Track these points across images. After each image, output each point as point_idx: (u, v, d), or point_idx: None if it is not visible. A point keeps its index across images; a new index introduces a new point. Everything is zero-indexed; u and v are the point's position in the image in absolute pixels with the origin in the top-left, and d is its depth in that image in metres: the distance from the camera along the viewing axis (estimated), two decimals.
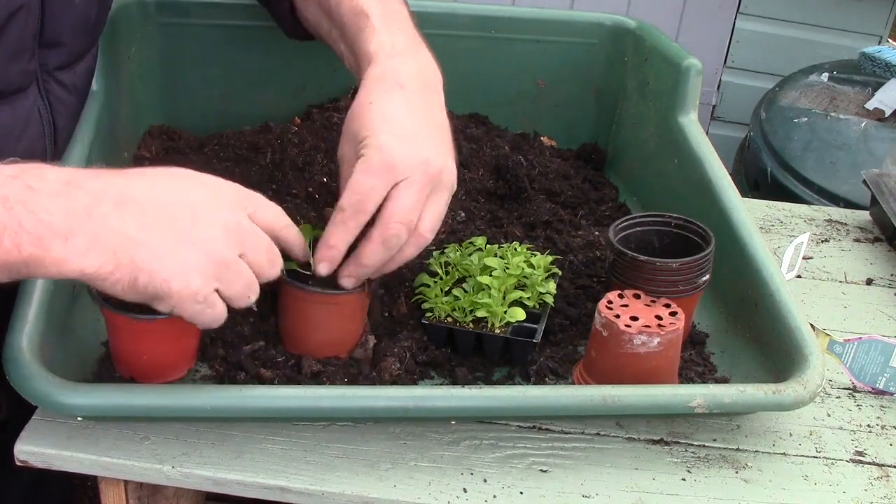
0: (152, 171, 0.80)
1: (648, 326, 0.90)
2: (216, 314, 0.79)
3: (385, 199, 0.87)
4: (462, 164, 1.31)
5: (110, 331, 0.88)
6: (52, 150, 1.00)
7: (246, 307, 0.81)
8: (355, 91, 1.36)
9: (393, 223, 0.87)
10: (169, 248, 0.75)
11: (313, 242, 0.91)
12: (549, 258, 1.06)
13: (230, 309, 0.81)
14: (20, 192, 0.71)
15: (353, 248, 0.90)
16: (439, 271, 1.04)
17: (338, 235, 0.88)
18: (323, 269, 0.89)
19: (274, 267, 0.81)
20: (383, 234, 0.87)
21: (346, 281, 0.90)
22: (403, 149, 0.88)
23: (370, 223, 0.88)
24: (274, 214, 0.83)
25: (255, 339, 0.96)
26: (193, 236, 0.76)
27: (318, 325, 0.94)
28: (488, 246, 1.08)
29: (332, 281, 0.91)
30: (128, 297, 0.77)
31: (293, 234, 0.85)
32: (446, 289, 1.02)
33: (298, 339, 0.95)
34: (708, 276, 1.00)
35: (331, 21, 1.05)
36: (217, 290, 0.78)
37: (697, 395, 0.87)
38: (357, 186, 0.87)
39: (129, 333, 0.86)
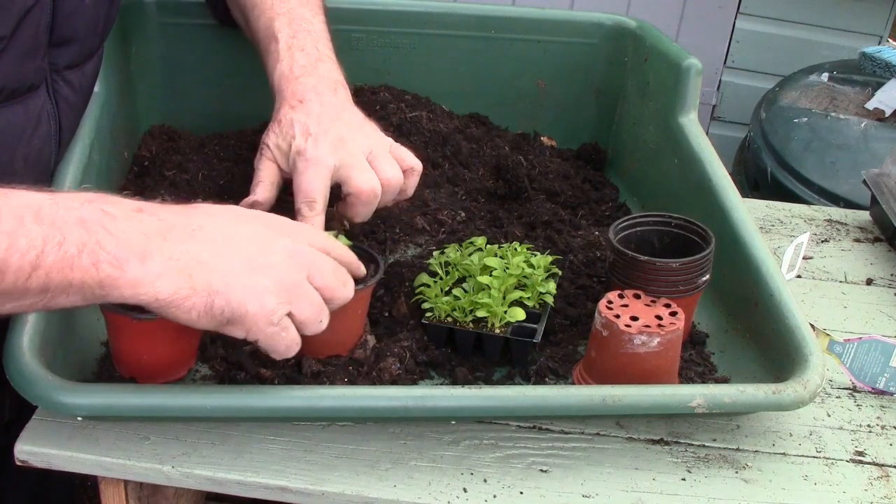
0: (206, 205, 0.82)
1: (648, 326, 0.90)
2: (290, 339, 0.80)
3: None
4: (462, 164, 1.31)
5: (110, 331, 0.88)
6: (57, 151, 1.00)
7: (317, 333, 0.82)
8: (355, 91, 1.37)
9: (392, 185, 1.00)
10: (242, 273, 0.77)
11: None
12: (549, 258, 1.06)
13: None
14: (97, 215, 0.73)
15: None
16: (439, 271, 1.04)
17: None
18: None
19: (346, 287, 0.84)
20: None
21: None
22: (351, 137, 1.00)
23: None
24: (324, 238, 0.86)
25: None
26: (262, 262, 0.78)
27: None
28: (488, 246, 1.08)
29: None
30: (201, 325, 0.77)
31: (347, 254, 0.88)
32: (446, 289, 1.02)
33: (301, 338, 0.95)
34: (708, 276, 1.00)
35: (248, 29, 1.13)
36: (289, 315, 0.80)
37: (697, 395, 0.87)
38: (358, 184, 0.98)
39: (129, 333, 0.86)
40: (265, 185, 1.00)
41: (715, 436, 0.95)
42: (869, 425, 1.00)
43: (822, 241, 1.34)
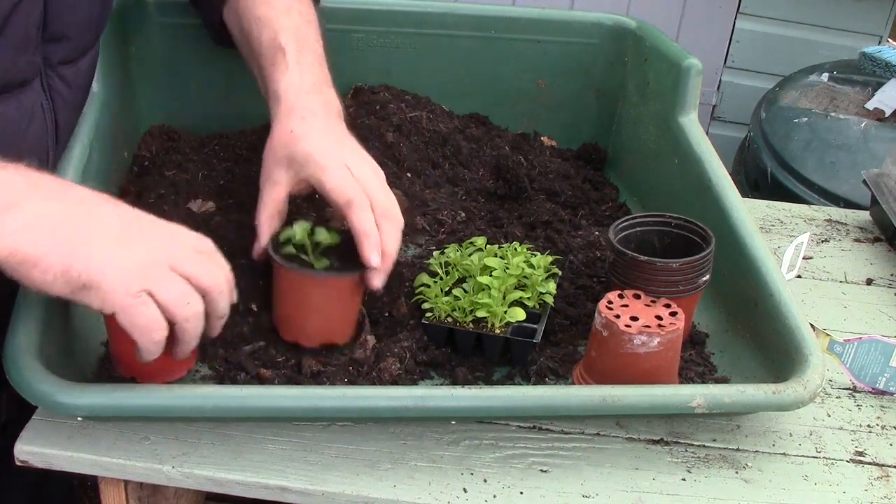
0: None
1: (648, 326, 0.90)
2: (150, 315, 0.78)
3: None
4: (462, 164, 1.31)
5: (110, 332, 0.88)
6: (55, 146, 1.00)
7: (191, 322, 0.80)
8: (355, 91, 1.36)
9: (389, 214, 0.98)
10: (106, 242, 0.77)
11: (340, 245, 0.97)
12: (549, 258, 1.06)
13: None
14: None
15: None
16: (439, 271, 1.04)
17: (376, 238, 0.95)
18: (376, 260, 0.94)
19: (216, 277, 0.82)
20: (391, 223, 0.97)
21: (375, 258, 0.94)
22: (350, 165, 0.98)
23: None
24: (195, 237, 0.85)
25: (256, 339, 0.96)
26: (126, 238, 0.78)
27: (314, 308, 0.95)
28: (488, 246, 1.08)
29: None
30: (55, 289, 0.76)
31: (221, 261, 0.86)
32: (446, 289, 1.02)
33: (295, 325, 0.96)
34: (708, 276, 1.00)
35: (250, 47, 1.11)
36: (151, 294, 0.78)
37: (697, 395, 0.87)
38: (349, 200, 0.95)
39: (128, 334, 0.86)
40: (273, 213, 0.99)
41: (715, 436, 0.95)
42: (869, 425, 1.00)
43: (822, 241, 1.34)
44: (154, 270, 0.78)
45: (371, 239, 0.94)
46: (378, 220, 0.95)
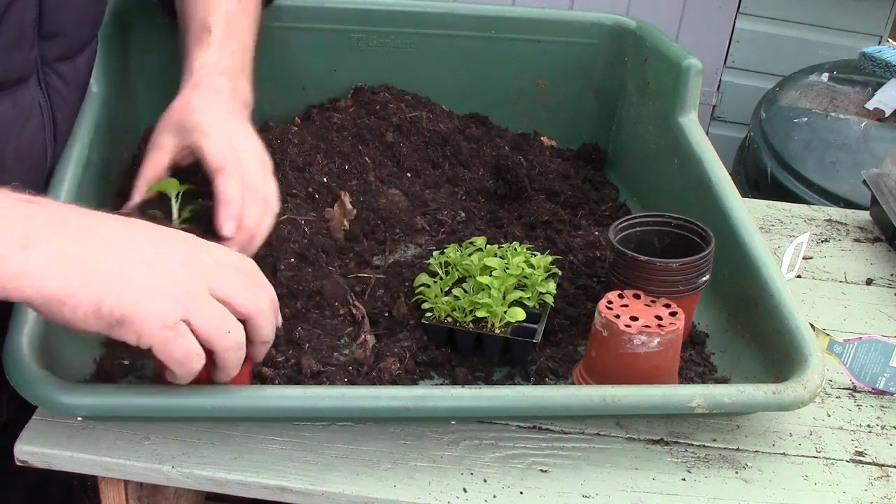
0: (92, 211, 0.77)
1: (648, 326, 0.90)
2: (188, 346, 0.74)
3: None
4: (462, 164, 1.31)
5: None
6: (52, 145, 1.00)
7: (231, 351, 0.76)
8: (355, 91, 1.37)
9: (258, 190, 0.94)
10: (135, 273, 0.72)
11: (182, 195, 0.93)
12: (549, 258, 1.06)
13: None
14: None
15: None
16: (439, 271, 1.04)
17: (236, 207, 0.90)
18: (230, 228, 0.89)
19: (259, 300, 0.78)
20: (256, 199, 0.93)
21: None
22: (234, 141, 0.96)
23: None
24: (228, 252, 0.81)
25: None
26: (157, 263, 0.74)
27: None
28: (488, 246, 1.08)
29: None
30: (89, 326, 0.72)
31: (256, 271, 0.83)
32: (446, 289, 1.02)
33: None
34: (708, 276, 1.00)
35: (184, 23, 1.10)
36: (188, 324, 0.74)
37: (697, 395, 0.87)
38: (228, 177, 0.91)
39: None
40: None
41: (715, 436, 0.95)
42: (869, 425, 1.00)
43: (822, 241, 1.34)
44: (191, 297, 0.74)
45: (230, 207, 0.89)
46: (245, 192, 0.91)
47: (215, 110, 0.98)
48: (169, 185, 0.93)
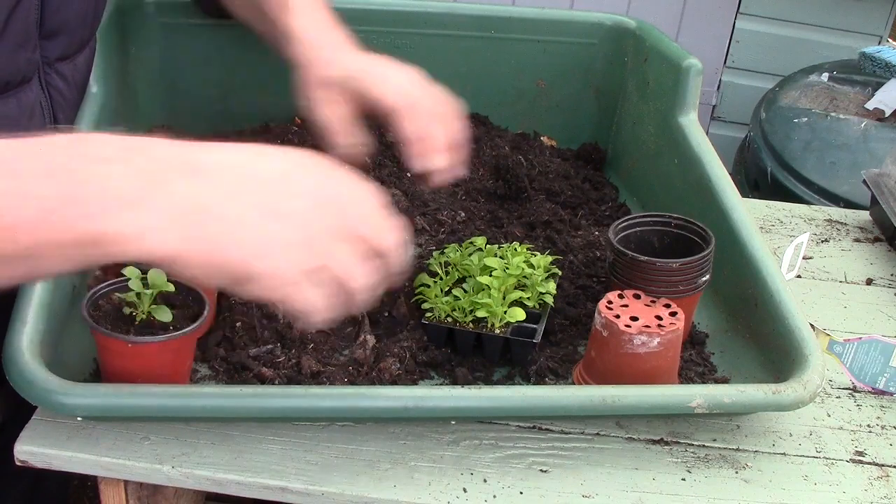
0: (220, 143, 0.69)
1: (648, 326, 0.90)
2: (316, 300, 0.67)
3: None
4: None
5: (103, 353, 0.87)
6: None
7: (361, 293, 0.69)
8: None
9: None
10: (257, 221, 0.64)
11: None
12: (549, 258, 1.06)
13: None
14: (79, 160, 0.61)
15: None
16: (439, 271, 1.04)
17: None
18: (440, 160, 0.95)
19: (388, 231, 0.70)
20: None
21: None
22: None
23: None
24: (360, 182, 0.72)
25: (268, 343, 0.96)
26: (283, 208, 0.65)
27: None
28: (488, 246, 1.08)
29: None
30: (211, 282, 0.66)
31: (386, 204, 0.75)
32: (446, 289, 1.02)
33: None
34: (708, 276, 1.00)
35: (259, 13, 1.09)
36: (323, 269, 0.67)
37: (697, 395, 0.87)
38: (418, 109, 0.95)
39: (122, 356, 0.85)
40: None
41: (715, 436, 0.95)
42: (869, 425, 1.00)
43: (822, 241, 1.34)
44: (322, 244, 0.66)
45: (424, 143, 0.94)
46: (430, 122, 0.96)
47: (355, 54, 1.00)
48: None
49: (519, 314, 0.98)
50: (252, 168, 0.66)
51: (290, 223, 0.65)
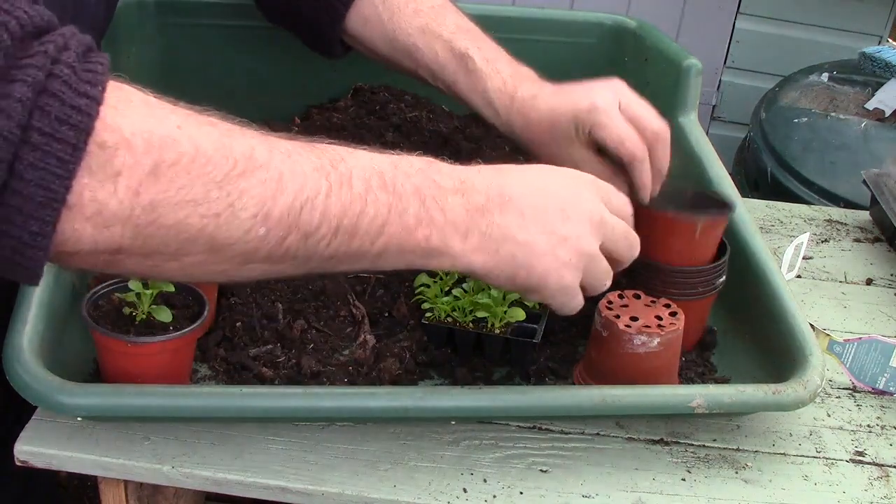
0: (521, 169, 0.85)
1: (648, 327, 0.90)
2: (578, 303, 0.84)
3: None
4: (462, 165, 1.31)
5: (102, 353, 0.87)
6: None
7: (600, 291, 0.86)
8: (355, 91, 1.36)
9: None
10: (545, 247, 0.80)
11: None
12: None
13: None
14: (429, 186, 0.76)
15: None
16: (439, 271, 1.04)
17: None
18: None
19: (632, 250, 0.86)
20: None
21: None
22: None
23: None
24: (623, 201, 0.87)
25: (268, 343, 0.96)
26: (564, 233, 0.80)
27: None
28: None
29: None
30: (507, 290, 0.89)
31: (630, 215, 0.89)
32: (446, 289, 1.02)
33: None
34: (724, 278, 1.00)
35: (414, 58, 1.15)
36: (581, 278, 0.83)
37: (697, 395, 0.87)
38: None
39: (122, 356, 0.85)
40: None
41: (715, 436, 0.95)
42: (869, 425, 1.00)
43: (822, 241, 1.34)
44: (587, 262, 0.82)
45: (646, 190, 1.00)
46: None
47: (568, 91, 1.07)
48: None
49: (519, 314, 0.98)
50: (542, 198, 0.81)
51: (567, 246, 0.80)
